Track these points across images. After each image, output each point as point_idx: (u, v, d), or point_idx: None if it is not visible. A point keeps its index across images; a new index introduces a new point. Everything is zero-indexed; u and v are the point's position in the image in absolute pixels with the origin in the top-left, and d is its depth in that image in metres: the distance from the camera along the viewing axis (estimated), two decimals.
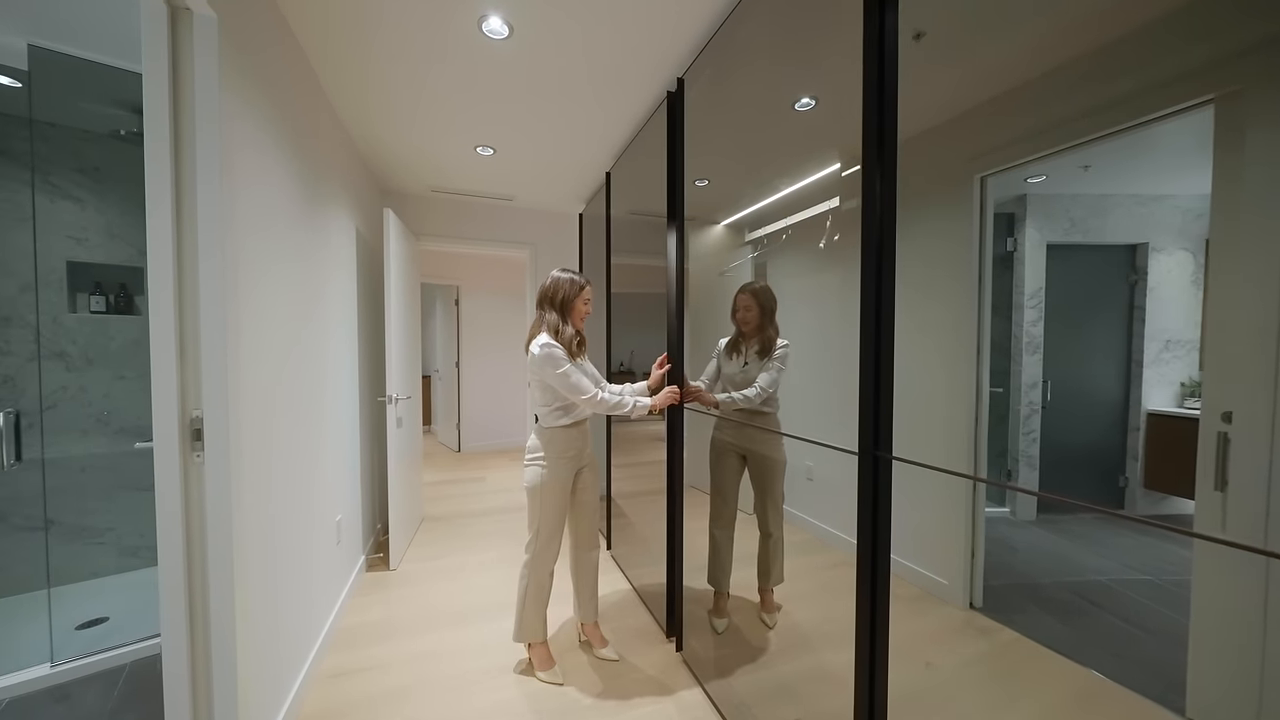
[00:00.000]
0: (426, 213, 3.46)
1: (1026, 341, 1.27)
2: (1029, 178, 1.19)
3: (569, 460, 1.76)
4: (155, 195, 1.10)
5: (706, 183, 1.99)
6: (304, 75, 1.78)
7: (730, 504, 1.81)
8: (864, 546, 1.04)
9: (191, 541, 1.15)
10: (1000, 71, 0.97)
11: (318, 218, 1.94)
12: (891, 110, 0.99)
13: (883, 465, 1.01)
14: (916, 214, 1.05)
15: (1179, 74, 0.69)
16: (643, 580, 2.44)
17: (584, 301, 1.75)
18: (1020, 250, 1.29)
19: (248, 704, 1.26)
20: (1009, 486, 1.34)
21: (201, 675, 1.16)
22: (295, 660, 1.61)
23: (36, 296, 1.91)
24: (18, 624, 1.89)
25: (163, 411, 1.11)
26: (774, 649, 1.69)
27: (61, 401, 2.19)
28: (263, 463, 1.40)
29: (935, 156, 1.10)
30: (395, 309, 2.65)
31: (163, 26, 1.09)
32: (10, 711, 1.58)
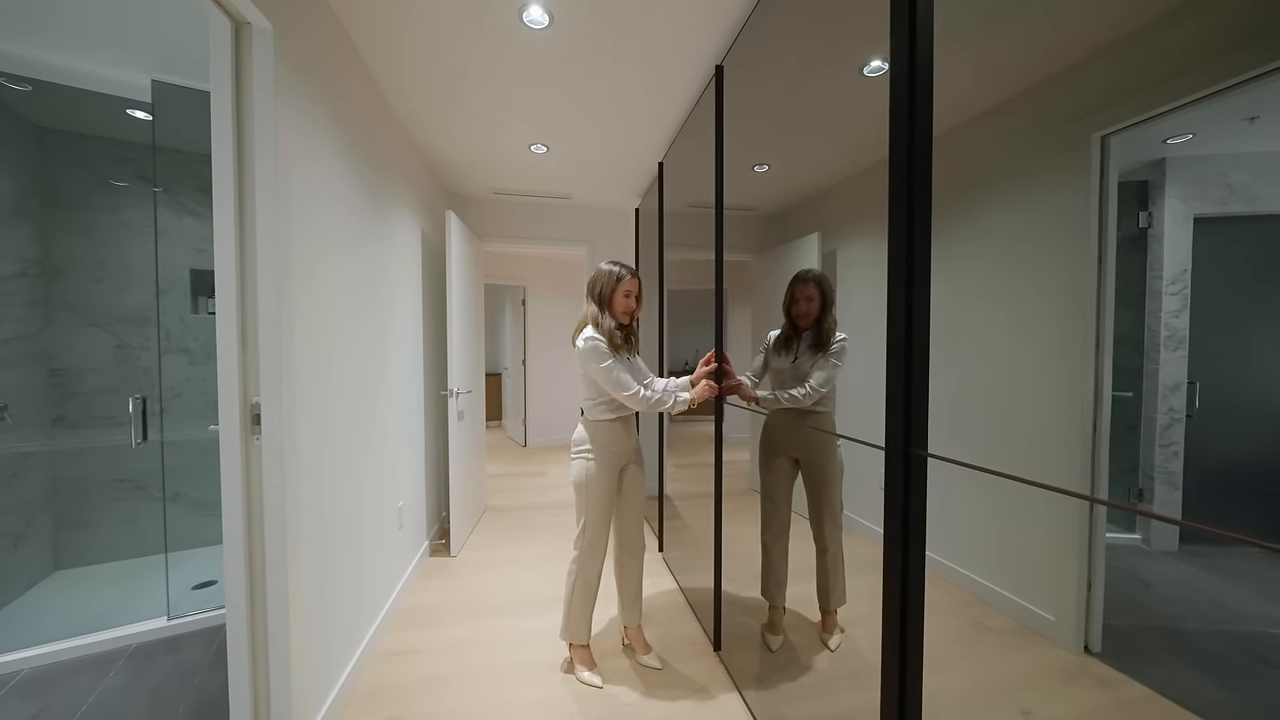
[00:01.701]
0: (489, 214, 3.60)
1: (1166, 336, 1.02)
2: (1169, 137, 0.94)
3: (613, 455, 1.71)
4: (221, 203, 1.19)
5: (767, 168, 1.84)
6: (365, 83, 1.89)
7: (782, 511, 1.65)
8: (892, 555, 0.91)
9: (251, 517, 1.24)
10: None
11: (379, 220, 2.05)
12: (925, 71, 0.84)
13: (915, 463, 0.86)
14: (1007, 188, 0.86)
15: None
16: (692, 585, 2.34)
17: (624, 294, 1.69)
18: (1158, 226, 1.03)
19: (301, 671, 1.35)
20: (1123, 507, 1.07)
21: (259, 640, 1.25)
22: (353, 635, 1.71)
23: (158, 301, 2.23)
24: (148, 581, 2.20)
25: (227, 398, 1.21)
26: (832, 675, 1.52)
27: (186, 391, 2.53)
28: (317, 446, 1.49)
29: (1036, 115, 0.90)
30: (456, 307, 2.77)
31: (226, 42, 1.18)
32: (135, 656, 1.83)
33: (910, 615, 0.90)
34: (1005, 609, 1.10)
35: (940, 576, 1.02)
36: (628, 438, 1.76)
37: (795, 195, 1.72)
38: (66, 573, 2.34)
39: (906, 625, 0.90)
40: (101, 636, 1.87)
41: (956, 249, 0.93)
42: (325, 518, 1.53)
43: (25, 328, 2.19)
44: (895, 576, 0.90)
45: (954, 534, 1.02)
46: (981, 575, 1.08)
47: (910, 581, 0.89)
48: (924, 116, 0.86)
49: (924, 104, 0.86)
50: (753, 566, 1.78)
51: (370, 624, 1.85)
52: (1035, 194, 0.91)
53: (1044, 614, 1.08)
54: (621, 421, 1.74)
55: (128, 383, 2.41)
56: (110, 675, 1.73)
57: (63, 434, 2.33)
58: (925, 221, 0.87)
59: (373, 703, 1.60)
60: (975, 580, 1.08)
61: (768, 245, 1.84)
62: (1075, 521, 0.99)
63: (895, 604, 0.91)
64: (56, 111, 2.18)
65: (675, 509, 2.93)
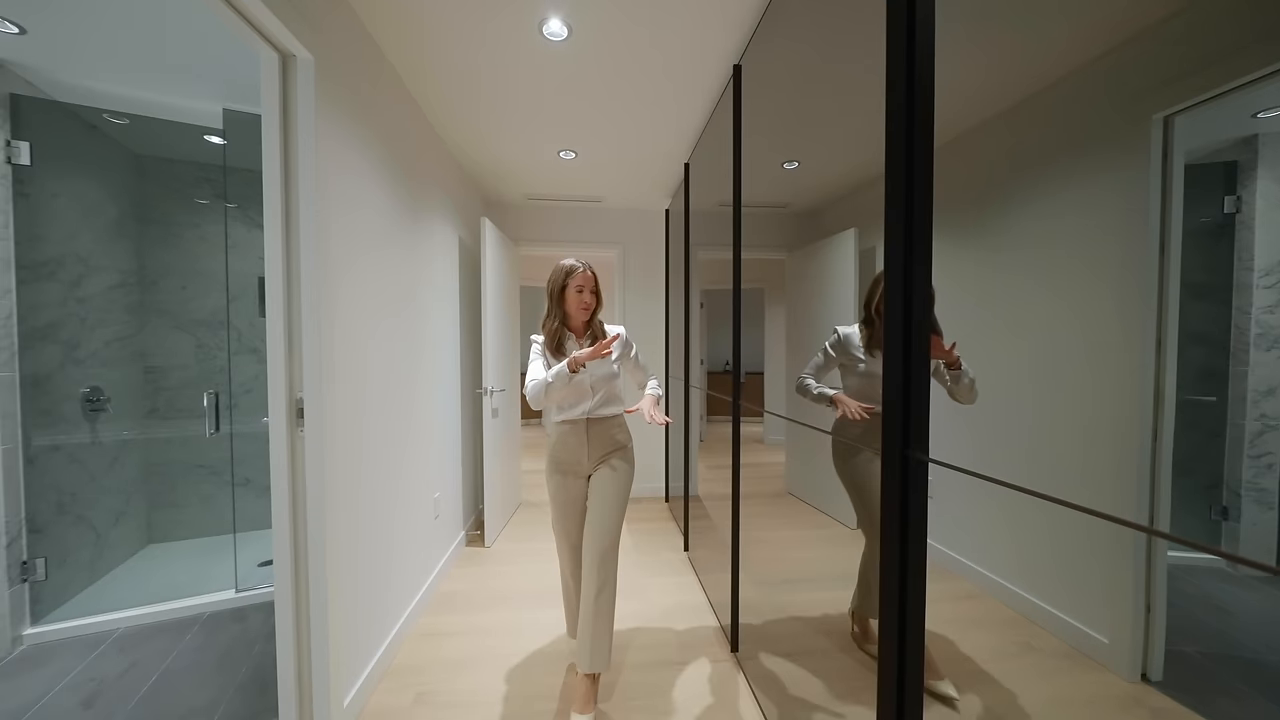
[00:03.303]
0: (524, 220, 3.73)
1: (1258, 334, 0.90)
2: (1261, 111, 0.82)
3: (561, 461, 1.64)
4: (270, 216, 1.33)
5: (797, 164, 1.82)
6: (402, 100, 2.03)
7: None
8: (889, 565, 0.88)
9: (295, 503, 1.37)
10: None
11: (417, 227, 2.19)
12: (927, 43, 0.80)
13: (914, 468, 0.83)
14: (1053, 178, 0.80)
15: None
16: (714, 585, 2.33)
17: (576, 289, 1.61)
18: (1248, 211, 0.92)
19: (340, 645, 1.47)
20: (1182, 540, 0.99)
21: (303, 615, 1.38)
22: (389, 615, 1.84)
23: (228, 306, 2.48)
24: (220, 557, 2.46)
25: (275, 394, 1.34)
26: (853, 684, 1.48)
27: (255, 387, 2.79)
28: (356, 438, 1.61)
29: (1082, 98, 0.83)
30: (492, 309, 2.90)
31: (275, 73, 1.31)
32: (207, 623, 2.06)
33: (910, 626, 0.87)
34: (1054, 628, 1.03)
35: (984, 591, 0.97)
36: (579, 445, 1.62)
37: (828, 191, 1.68)
38: (157, 546, 2.65)
39: (905, 636, 0.87)
40: (181, 604, 2.11)
41: (993, 241, 0.88)
42: (363, 505, 1.66)
43: (125, 330, 2.50)
44: (892, 587, 0.88)
45: (999, 545, 0.97)
46: (1029, 591, 1.02)
47: (909, 594, 0.87)
48: (924, 106, 0.84)
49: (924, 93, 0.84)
50: (782, 570, 1.76)
51: (406, 606, 1.99)
52: (1083, 184, 0.84)
53: (1097, 636, 1.01)
54: (570, 425, 1.63)
55: (205, 379, 2.69)
56: (187, 639, 1.95)
57: (154, 424, 2.64)
58: (925, 213, 0.84)
59: (404, 678, 1.72)
60: (1021, 596, 1.02)
61: (802, 242, 1.81)
62: (1131, 537, 0.91)
63: (893, 614, 0.88)
64: (149, 140, 2.47)
65: (704, 509, 2.92)
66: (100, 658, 1.82)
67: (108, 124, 2.30)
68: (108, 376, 2.36)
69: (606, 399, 1.66)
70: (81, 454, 2.21)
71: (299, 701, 1.37)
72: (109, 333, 2.40)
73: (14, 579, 1.87)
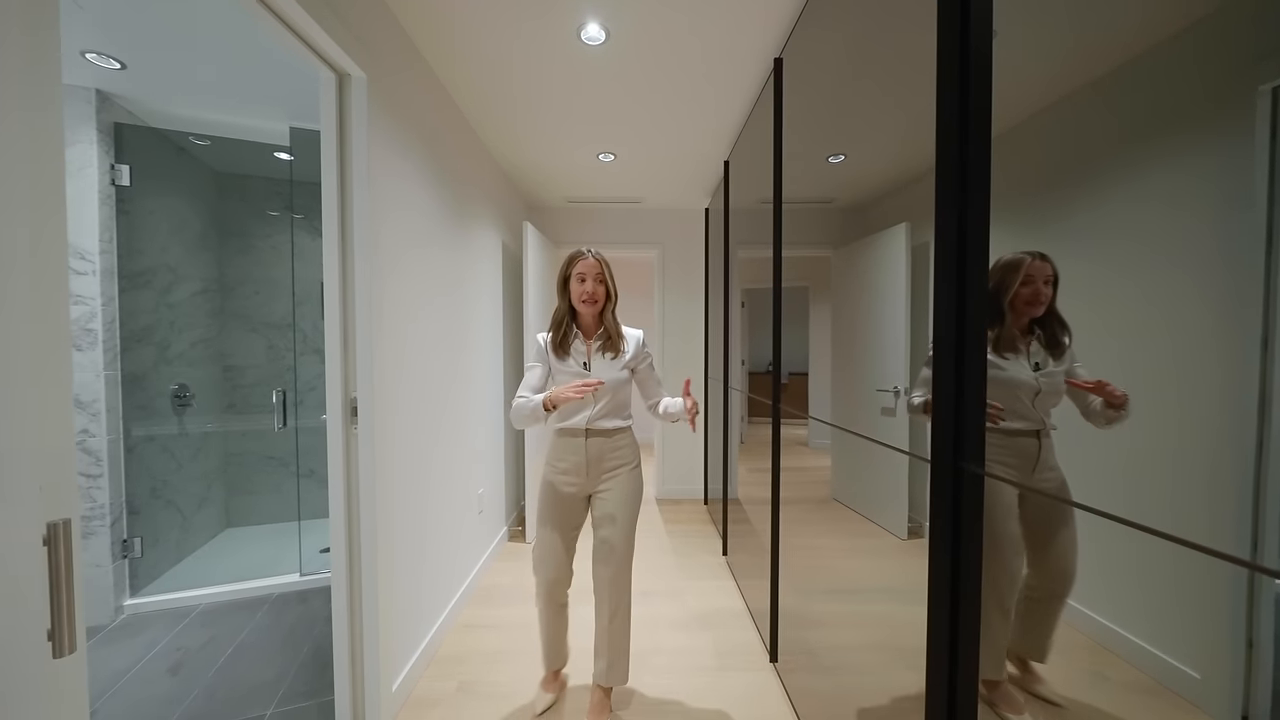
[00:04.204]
0: (565, 223, 3.79)
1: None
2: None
3: (556, 476, 1.49)
4: (328, 225, 1.41)
5: (843, 158, 1.75)
6: (449, 110, 2.11)
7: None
8: (938, 588, 0.82)
9: (350, 496, 1.46)
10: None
11: (462, 232, 2.27)
12: (984, 19, 0.74)
13: (968, 481, 0.76)
14: (1121, 165, 0.71)
15: None
16: (754, 592, 2.28)
17: (578, 278, 1.46)
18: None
19: (389, 631, 1.55)
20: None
21: (356, 600, 1.46)
22: (435, 606, 1.92)
23: (294, 310, 2.68)
24: (288, 542, 2.65)
25: (332, 393, 1.43)
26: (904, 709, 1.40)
27: (318, 385, 3.00)
28: (404, 435, 1.69)
29: (1172, 71, 0.74)
30: (534, 310, 2.96)
31: (332, 91, 1.40)
32: (275, 603, 2.22)
33: (963, 656, 0.81)
34: (1135, 659, 0.93)
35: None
36: (574, 456, 1.47)
37: (877, 184, 1.60)
38: (233, 530, 2.90)
39: (957, 667, 0.81)
40: (253, 585, 2.29)
41: (1063, 234, 0.80)
42: (412, 500, 1.74)
43: (207, 333, 2.75)
44: (942, 611, 0.82)
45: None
46: (1104, 615, 0.93)
47: (962, 619, 0.80)
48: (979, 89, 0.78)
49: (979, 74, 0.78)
50: (826, 580, 1.69)
51: (450, 597, 2.07)
52: (1171, 169, 0.74)
53: (1187, 670, 0.90)
54: (568, 436, 1.47)
55: (275, 378, 2.92)
56: (257, 616, 2.12)
57: (232, 418, 2.89)
58: (981, 208, 0.78)
59: (447, 667, 1.79)
60: (1096, 620, 0.93)
61: (848, 238, 1.74)
62: (1228, 564, 0.80)
63: (942, 642, 0.82)
64: (227, 159, 2.71)
65: (744, 513, 2.86)
66: (185, 630, 2.00)
67: (193, 146, 2.54)
68: (192, 374, 2.60)
69: (611, 408, 1.48)
70: (171, 444, 2.45)
71: (352, 682, 1.46)
72: (194, 335, 2.64)
73: (116, 555, 2.09)
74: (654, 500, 3.80)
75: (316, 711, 1.55)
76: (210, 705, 1.59)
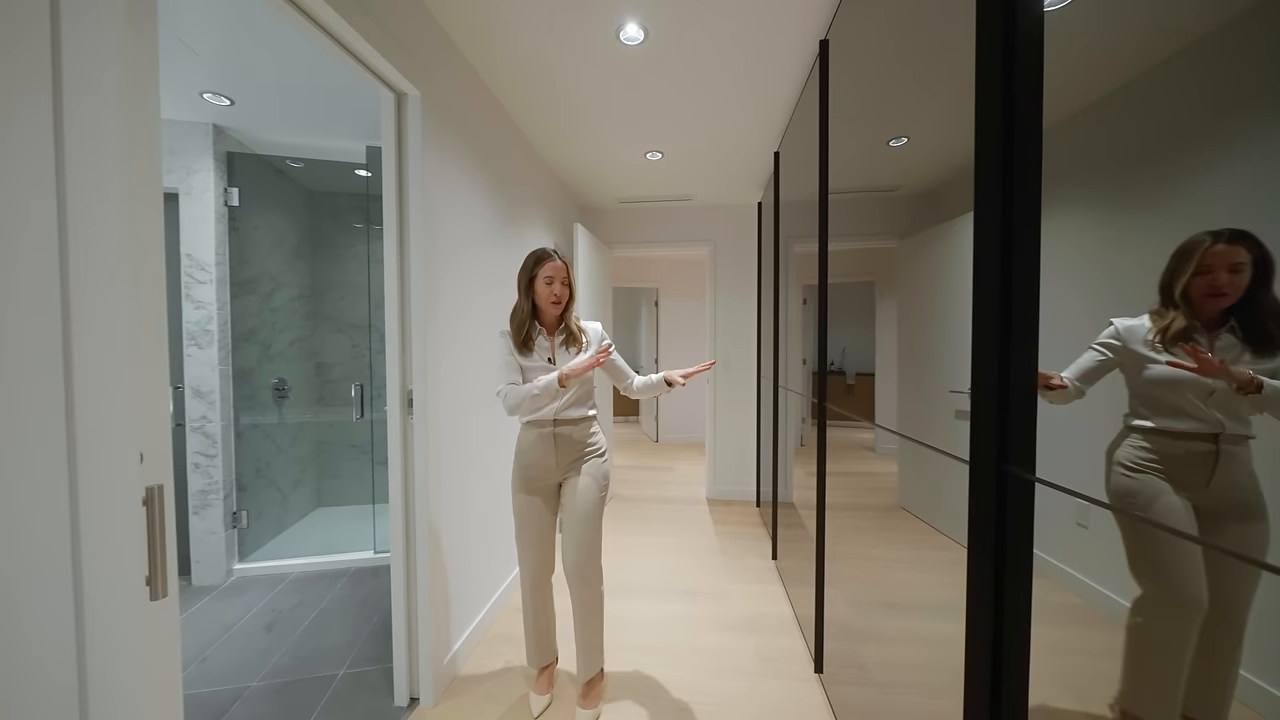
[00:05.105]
0: (616, 223, 3.86)
1: None
2: None
3: (526, 467, 1.52)
4: (388, 235, 1.55)
5: (905, 141, 1.64)
6: (500, 118, 2.23)
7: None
8: (979, 610, 0.74)
9: (407, 481, 1.58)
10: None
11: (513, 235, 2.39)
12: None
13: (1013, 486, 0.68)
14: (1219, 137, 0.59)
15: None
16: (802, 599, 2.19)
17: (545, 280, 1.47)
18: None
19: (442, 608, 1.66)
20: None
21: (412, 578, 1.59)
22: (487, 587, 2.04)
23: (370, 312, 2.95)
24: (365, 522, 2.92)
25: (392, 387, 1.57)
26: None
27: None
28: (457, 426, 1.81)
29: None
30: (584, 310, 3.05)
31: (391, 109, 1.53)
32: (352, 576, 2.47)
33: (1007, 691, 0.73)
34: (1259, 703, 0.78)
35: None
36: (543, 448, 1.49)
37: (947, 167, 1.49)
38: (323, 509, 3.24)
39: (1000, 704, 0.73)
40: (336, 558, 2.56)
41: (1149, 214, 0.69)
42: (465, 487, 1.86)
43: (302, 333, 3.11)
44: (982, 638, 0.74)
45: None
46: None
47: (1006, 647, 0.72)
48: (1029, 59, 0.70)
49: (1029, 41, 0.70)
50: (884, 592, 1.60)
51: (501, 581, 2.18)
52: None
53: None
54: (536, 428, 1.50)
55: (357, 374, 3.23)
56: (337, 587, 2.36)
57: (322, 409, 3.24)
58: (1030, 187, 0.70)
59: (495, 646, 1.89)
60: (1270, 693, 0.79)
61: (916, 228, 1.63)
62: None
63: (982, 674, 0.74)
64: (317, 178, 3.04)
65: (798, 518, 2.76)
66: (279, 594, 2.28)
67: (289, 168, 2.87)
68: (289, 370, 2.95)
69: (578, 399, 1.52)
70: (272, 431, 2.79)
71: (409, 652, 1.59)
72: (290, 335, 2.99)
73: (228, 525, 2.42)
74: (704, 500, 3.76)
75: (380, 676, 1.71)
76: (295, 661, 1.80)
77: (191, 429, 2.35)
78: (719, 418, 3.81)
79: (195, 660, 1.80)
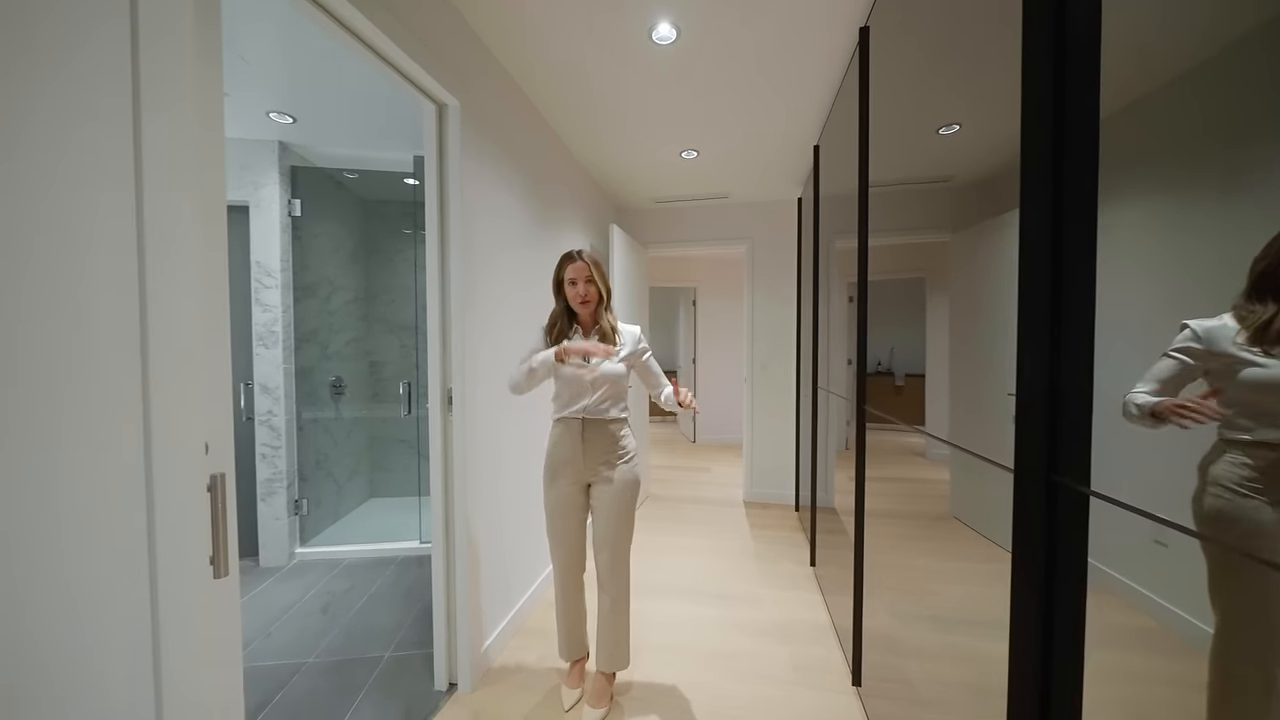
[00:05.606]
0: (653, 223, 3.86)
1: None
2: None
3: (554, 463, 1.55)
4: (430, 240, 1.62)
5: (957, 129, 1.56)
6: (536, 123, 2.28)
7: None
8: (1024, 633, 0.68)
9: (447, 476, 1.65)
10: None
11: (549, 237, 2.44)
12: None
13: (1064, 498, 0.63)
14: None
15: None
16: (840, 607, 2.12)
17: (569, 281, 1.52)
18: None
19: (478, 600, 1.73)
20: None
21: (452, 569, 1.66)
22: (523, 582, 2.10)
23: (416, 314, 3.10)
24: (410, 514, 3.08)
25: (433, 384, 1.64)
26: None
27: None
28: (494, 423, 1.87)
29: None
30: (619, 311, 3.07)
31: (433, 119, 1.60)
32: (400, 564, 2.60)
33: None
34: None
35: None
36: (571, 445, 1.51)
37: (1006, 154, 1.40)
38: (375, 500, 3.44)
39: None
40: (385, 547, 2.71)
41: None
42: (501, 483, 1.92)
43: (357, 334, 3.31)
44: (1026, 665, 0.69)
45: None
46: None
47: (1057, 675, 0.67)
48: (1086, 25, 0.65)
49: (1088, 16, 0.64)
50: (931, 605, 1.52)
51: (536, 576, 2.24)
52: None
53: None
54: (565, 425, 1.53)
55: (406, 372, 3.40)
56: (386, 573, 2.49)
57: (375, 405, 3.43)
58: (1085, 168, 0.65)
59: (530, 639, 1.94)
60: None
61: (972, 220, 1.54)
62: None
63: (1027, 705, 0.69)
64: (370, 187, 3.22)
65: (840, 524, 2.67)
66: (334, 578, 2.44)
67: (345, 179, 3.06)
68: (345, 369, 3.15)
69: (608, 399, 1.52)
70: (329, 426, 2.99)
71: (448, 639, 1.66)
72: (346, 335, 3.19)
73: (290, 512, 2.62)
74: (741, 503, 3.70)
75: (421, 660, 1.79)
76: (347, 641, 1.92)
77: (259, 422, 2.55)
78: (757, 419, 3.74)
79: (261, 635, 1.96)
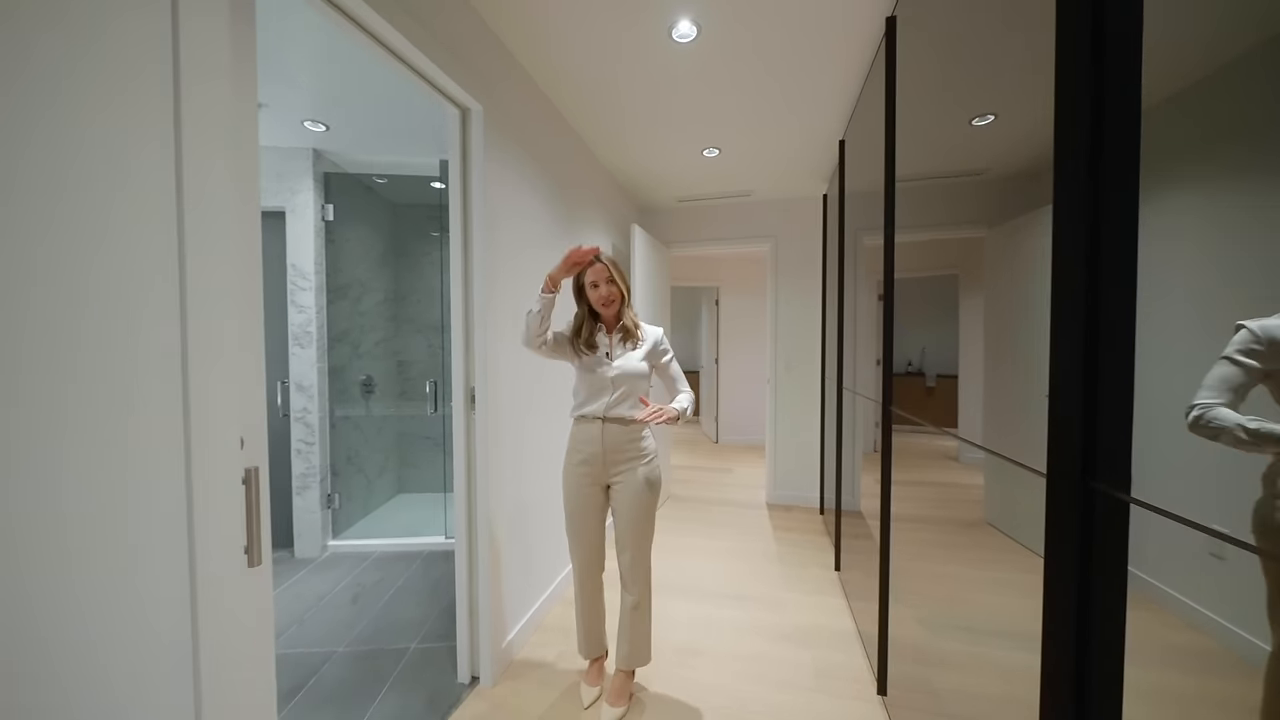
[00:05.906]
0: (675, 222, 3.84)
1: None
2: None
3: (574, 461, 1.57)
4: (454, 242, 1.66)
5: (991, 119, 1.51)
6: (560, 126, 2.30)
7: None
8: (1057, 649, 0.64)
9: (469, 472, 1.69)
10: None
11: (571, 238, 2.46)
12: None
13: (1102, 505, 0.59)
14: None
15: None
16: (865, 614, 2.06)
17: (590, 285, 1.55)
18: None
19: (500, 595, 1.75)
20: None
21: (474, 564, 1.69)
22: (543, 579, 2.12)
23: (442, 315, 3.17)
24: (436, 510, 3.15)
25: (457, 383, 1.68)
26: None
27: None
28: (515, 422, 1.90)
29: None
30: (641, 311, 3.07)
31: (456, 124, 1.63)
32: (426, 559, 2.67)
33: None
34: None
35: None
36: (591, 442, 1.53)
37: (1043, 146, 1.35)
38: (404, 495, 3.54)
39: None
40: (413, 541, 2.78)
41: None
42: (523, 481, 1.94)
43: (386, 334, 3.41)
44: (1059, 681, 0.66)
45: None
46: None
47: (1095, 695, 0.63)
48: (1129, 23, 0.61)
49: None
50: (962, 614, 1.47)
51: (556, 574, 2.26)
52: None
53: None
54: (585, 422, 1.54)
55: (432, 371, 3.48)
56: (413, 567, 2.56)
57: (403, 403, 3.53)
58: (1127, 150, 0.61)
59: (550, 635, 1.96)
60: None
61: (1009, 214, 1.49)
62: None
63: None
64: (399, 192, 3.31)
65: (866, 528, 2.60)
66: (363, 570, 2.52)
67: (375, 184, 3.16)
68: (375, 368, 3.25)
69: (628, 398, 1.53)
70: (360, 423, 3.09)
71: (470, 634, 1.69)
72: (376, 336, 3.29)
73: (323, 506, 2.72)
74: (764, 505, 3.65)
75: (445, 653, 1.83)
76: (375, 632, 1.98)
77: (295, 419, 2.66)
78: (780, 420, 3.68)
79: (295, 624, 2.04)
